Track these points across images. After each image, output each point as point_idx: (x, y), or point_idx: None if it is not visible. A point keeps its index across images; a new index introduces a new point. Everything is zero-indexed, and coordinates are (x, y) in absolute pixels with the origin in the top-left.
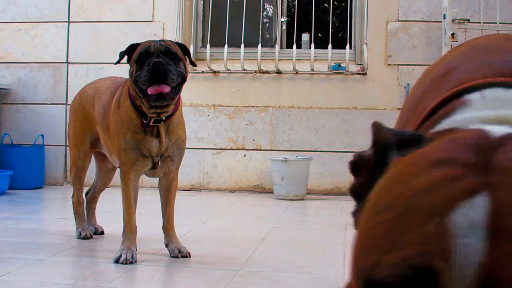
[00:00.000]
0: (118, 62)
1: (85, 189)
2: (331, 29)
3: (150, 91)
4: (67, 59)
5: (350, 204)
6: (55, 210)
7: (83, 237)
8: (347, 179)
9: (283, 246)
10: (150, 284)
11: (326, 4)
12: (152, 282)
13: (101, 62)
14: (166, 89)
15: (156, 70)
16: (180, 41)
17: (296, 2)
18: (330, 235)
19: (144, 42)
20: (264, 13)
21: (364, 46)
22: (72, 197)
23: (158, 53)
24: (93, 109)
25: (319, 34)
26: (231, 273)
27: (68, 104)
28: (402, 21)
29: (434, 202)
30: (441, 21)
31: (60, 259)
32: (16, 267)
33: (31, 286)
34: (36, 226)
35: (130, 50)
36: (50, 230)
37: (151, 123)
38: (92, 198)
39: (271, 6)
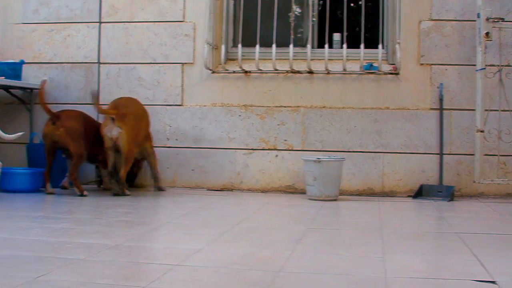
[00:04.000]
0: None
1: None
2: (363, 28)
3: None
4: (98, 59)
5: (383, 204)
6: (88, 209)
7: None
8: (379, 179)
9: (320, 247)
10: (190, 285)
11: (353, 4)
12: (192, 283)
13: (132, 62)
14: None
15: None
16: (211, 41)
17: (328, 1)
18: (366, 236)
19: None
20: (295, 12)
21: (397, 45)
22: None
23: None
24: None
25: (351, 34)
26: (271, 274)
27: (100, 104)
28: (434, 20)
29: None
30: (474, 20)
31: (99, 259)
32: (56, 266)
33: (72, 286)
34: (72, 226)
35: None
36: (86, 230)
37: None
38: None
39: (302, 6)
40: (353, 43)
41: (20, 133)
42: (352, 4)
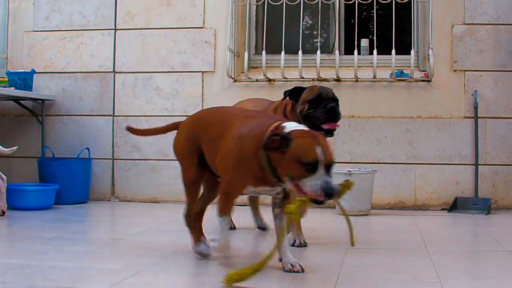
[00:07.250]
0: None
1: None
2: (394, 33)
3: (326, 126)
4: (113, 68)
5: (419, 219)
6: (105, 229)
7: None
8: (411, 192)
9: (366, 271)
10: None
11: (381, 11)
12: None
13: (149, 71)
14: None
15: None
16: (233, 48)
17: (356, 6)
18: (413, 257)
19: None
20: (322, 18)
21: (430, 51)
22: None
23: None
24: None
25: (379, 39)
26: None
27: (116, 115)
28: (468, 24)
29: None
30: (510, 24)
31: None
32: None
33: None
34: (90, 248)
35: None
36: (105, 253)
37: None
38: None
39: (328, 10)
40: (381, 49)
41: (15, 147)
42: (380, 12)
